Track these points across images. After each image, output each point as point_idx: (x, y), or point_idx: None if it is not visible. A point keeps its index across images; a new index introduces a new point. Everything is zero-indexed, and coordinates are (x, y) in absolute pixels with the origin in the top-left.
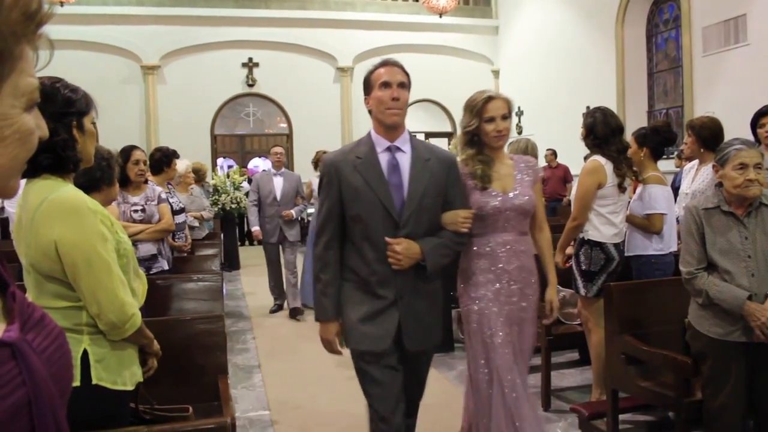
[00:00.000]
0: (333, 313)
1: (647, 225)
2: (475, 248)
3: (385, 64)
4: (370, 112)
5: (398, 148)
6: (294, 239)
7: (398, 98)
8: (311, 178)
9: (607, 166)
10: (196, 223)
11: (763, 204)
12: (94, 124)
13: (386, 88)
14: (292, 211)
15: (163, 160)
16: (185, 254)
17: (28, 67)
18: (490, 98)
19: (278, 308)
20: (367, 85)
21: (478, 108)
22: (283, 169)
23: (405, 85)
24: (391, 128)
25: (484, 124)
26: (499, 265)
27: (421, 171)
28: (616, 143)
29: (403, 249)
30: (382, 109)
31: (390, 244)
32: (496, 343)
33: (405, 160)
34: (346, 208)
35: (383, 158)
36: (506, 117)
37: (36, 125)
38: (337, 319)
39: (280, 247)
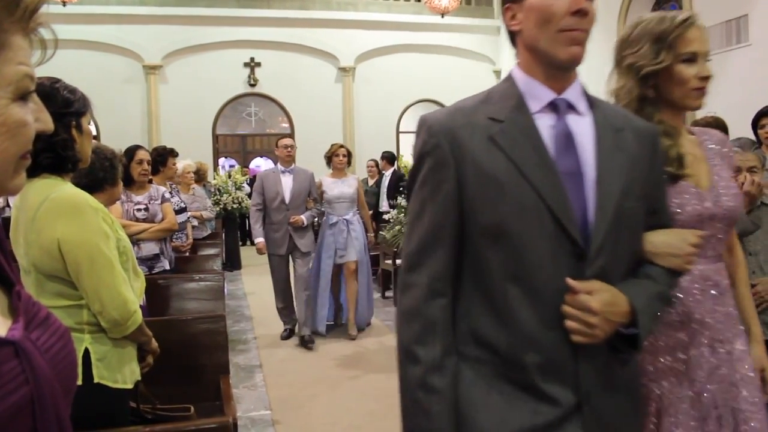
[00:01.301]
0: None
1: None
2: None
3: None
4: (512, 37)
5: (571, 106)
6: (307, 249)
7: (586, 11)
8: (321, 177)
9: None
10: (196, 223)
11: (763, 204)
12: (90, 124)
13: None
14: (302, 217)
15: (158, 160)
16: (185, 254)
17: (16, 57)
18: (689, 22)
19: (290, 333)
20: None
21: (670, 36)
22: (293, 166)
23: None
24: (564, 68)
25: (679, 65)
26: (695, 315)
27: (614, 150)
28: None
29: (602, 304)
30: (552, 29)
31: (576, 293)
32: None
33: (585, 127)
34: (473, 215)
35: (545, 123)
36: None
37: (35, 118)
38: None
39: (290, 258)
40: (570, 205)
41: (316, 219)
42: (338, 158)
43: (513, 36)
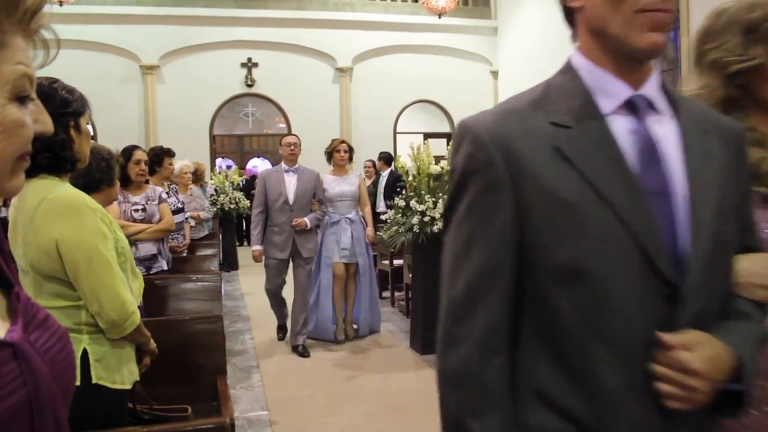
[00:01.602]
0: None
1: None
2: None
3: None
4: (569, 14)
5: (651, 105)
6: (309, 254)
7: None
8: (322, 174)
9: None
10: (193, 223)
11: None
12: (88, 124)
13: None
14: (306, 219)
15: (154, 160)
16: (183, 254)
17: (15, 57)
18: None
19: (284, 333)
20: None
21: (763, 27)
22: (298, 165)
23: None
24: (640, 59)
25: None
26: None
27: (706, 160)
28: None
29: (704, 362)
30: (628, 8)
31: (669, 348)
32: None
33: (670, 132)
34: (539, 251)
35: (622, 127)
36: None
37: (34, 119)
38: None
39: (291, 262)
40: (660, 236)
41: (321, 222)
42: (339, 154)
43: (570, 13)
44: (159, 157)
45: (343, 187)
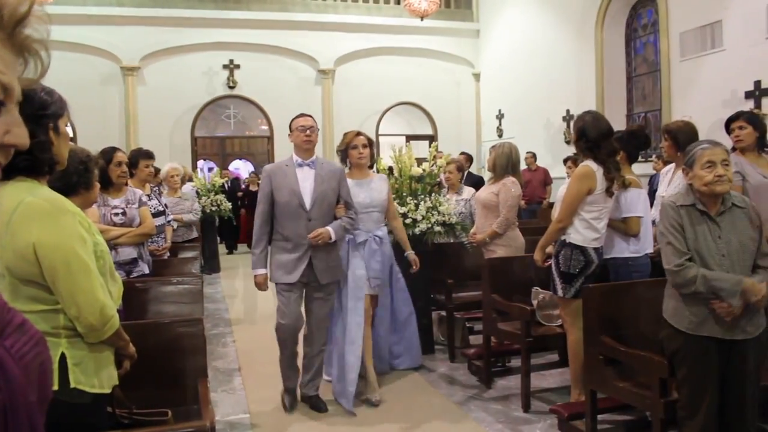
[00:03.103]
0: None
1: (625, 228)
2: None
3: None
4: None
5: (309, 164)
6: (330, 280)
7: None
8: None
9: (599, 172)
10: (175, 225)
11: (735, 205)
12: (67, 126)
13: None
14: (329, 229)
15: (129, 163)
16: (164, 257)
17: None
18: None
19: (292, 401)
20: None
21: None
22: (315, 157)
23: None
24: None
25: None
26: None
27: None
28: (607, 146)
29: None
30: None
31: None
32: None
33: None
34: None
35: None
36: None
37: (5, 130)
38: None
39: (304, 291)
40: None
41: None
42: (357, 151)
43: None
44: (134, 159)
45: (370, 194)
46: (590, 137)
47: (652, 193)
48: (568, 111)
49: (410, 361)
